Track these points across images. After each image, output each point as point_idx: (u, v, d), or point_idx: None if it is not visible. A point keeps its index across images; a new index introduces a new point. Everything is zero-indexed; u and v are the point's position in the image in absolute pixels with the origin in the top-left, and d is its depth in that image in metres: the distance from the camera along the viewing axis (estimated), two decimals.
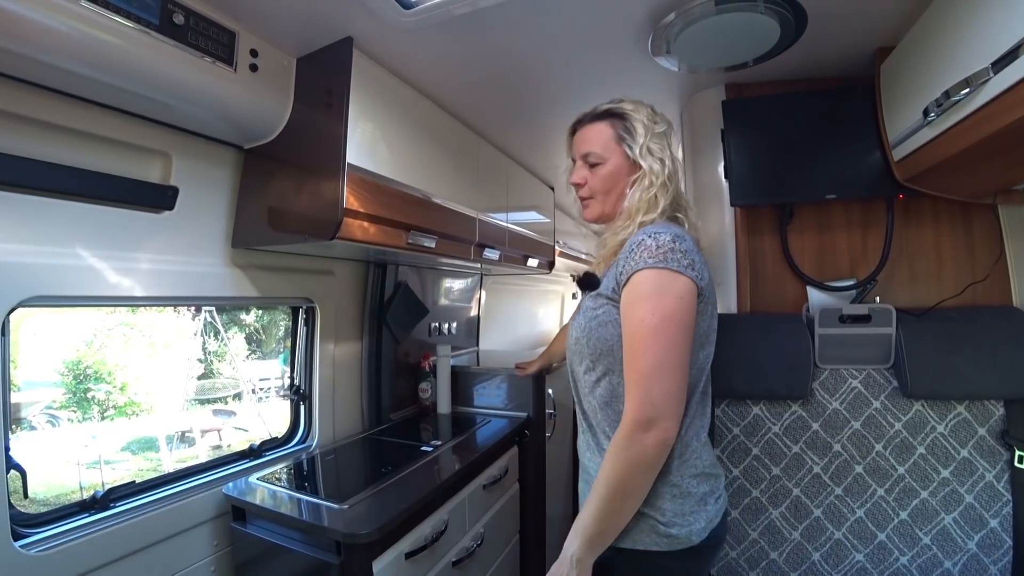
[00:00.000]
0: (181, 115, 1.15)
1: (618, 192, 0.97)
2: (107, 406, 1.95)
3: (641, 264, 0.81)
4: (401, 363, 1.97)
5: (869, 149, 1.22)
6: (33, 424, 1.76)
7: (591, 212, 1.01)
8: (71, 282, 1.05)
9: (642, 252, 0.82)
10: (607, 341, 0.87)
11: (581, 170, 1.00)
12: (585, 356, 0.91)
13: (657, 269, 0.80)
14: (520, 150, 2.01)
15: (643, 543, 0.84)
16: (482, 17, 1.09)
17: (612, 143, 0.96)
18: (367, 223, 1.21)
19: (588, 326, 0.90)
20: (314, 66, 1.23)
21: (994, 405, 1.14)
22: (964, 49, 0.88)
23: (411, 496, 1.21)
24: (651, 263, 0.80)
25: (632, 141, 0.95)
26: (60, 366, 1.62)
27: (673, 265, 0.80)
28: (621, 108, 0.97)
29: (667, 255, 0.81)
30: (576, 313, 1.01)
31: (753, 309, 1.34)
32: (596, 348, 0.89)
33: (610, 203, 0.98)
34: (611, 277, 0.89)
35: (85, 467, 1.68)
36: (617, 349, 0.86)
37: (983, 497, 1.12)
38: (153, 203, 1.18)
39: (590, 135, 0.99)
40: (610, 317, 0.88)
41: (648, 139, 0.94)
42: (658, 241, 0.82)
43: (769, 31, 1.14)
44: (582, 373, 0.93)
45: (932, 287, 1.27)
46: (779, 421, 1.22)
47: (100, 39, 0.89)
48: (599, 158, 0.97)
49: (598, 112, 1.00)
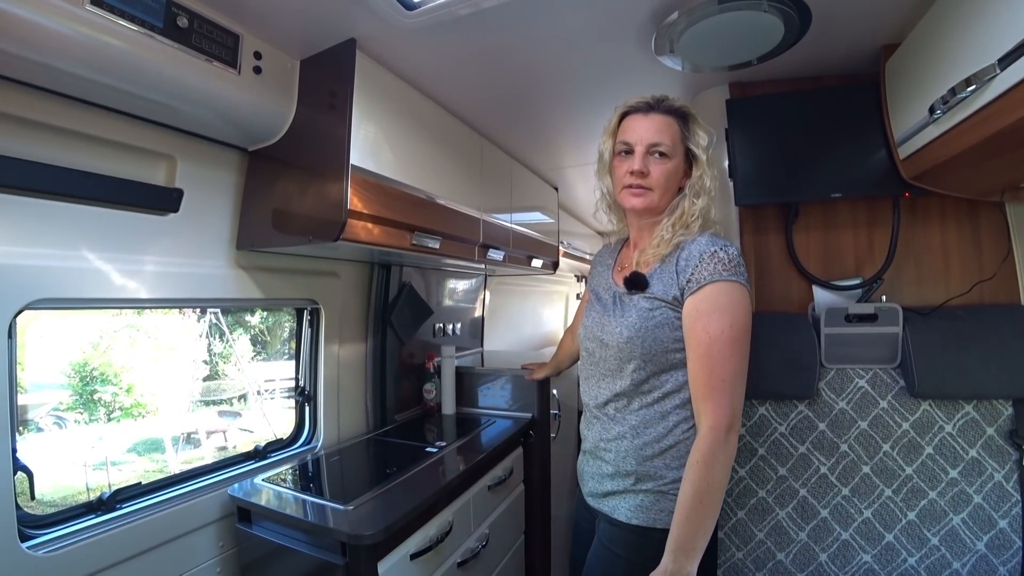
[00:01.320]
0: (185, 118, 1.15)
1: (674, 190, 0.99)
2: (113, 408, 1.96)
3: (716, 276, 0.85)
4: (405, 364, 1.97)
5: (874, 147, 1.21)
6: (40, 426, 1.78)
7: (644, 202, 0.98)
8: (77, 284, 1.06)
9: (716, 264, 0.86)
10: (662, 343, 0.92)
11: (646, 159, 0.97)
12: (636, 356, 0.94)
13: (732, 282, 0.86)
14: (524, 150, 2.01)
15: (666, 522, 0.88)
16: (485, 18, 1.09)
17: (679, 140, 0.98)
18: (371, 224, 1.21)
19: (644, 327, 0.93)
20: (317, 68, 1.23)
21: (1002, 405, 1.13)
22: (970, 46, 0.88)
23: (416, 497, 1.21)
24: (726, 276, 0.85)
25: (695, 143, 0.98)
26: (67, 368, 1.63)
27: (742, 279, 0.87)
28: (688, 109, 1.00)
29: (737, 268, 0.87)
30: (612, 310, 1.00)
31: (758, 309, 1.33)
32: (651, 348, 0.92)
33: (665, 199, 1.00)
34: (670, 282, 0.92)
35: (92, 468, 1.69)
36: (670, 351, 0.92)
37: (992, 497, 1.12)
38: (158, 205, 1.18)
39: (660, 126, 0.97)
40: (667, 320, 0.92)
41: (709, 147, 0.98)
42: (729, 254, 0.87)
43: (773, 29, 1.14)
44: (630, 370, 0.95)
45: (939, 286, 1.26)
46: (785, 421, 1.21)
47: (105, 43, 0.90)
48: (669, 151, 0.97)
49: (665, 106, 0.99)
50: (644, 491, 0.94)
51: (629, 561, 0.93)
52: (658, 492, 0.92)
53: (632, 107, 1.02)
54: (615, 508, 0.97)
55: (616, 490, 0.97)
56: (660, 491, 0.92)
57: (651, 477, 0.93)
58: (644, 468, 0.94)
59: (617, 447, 0.97)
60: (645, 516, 0.92)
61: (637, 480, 0.94)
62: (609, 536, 0.97)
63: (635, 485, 0.94)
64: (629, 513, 0.94)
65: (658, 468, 0.93)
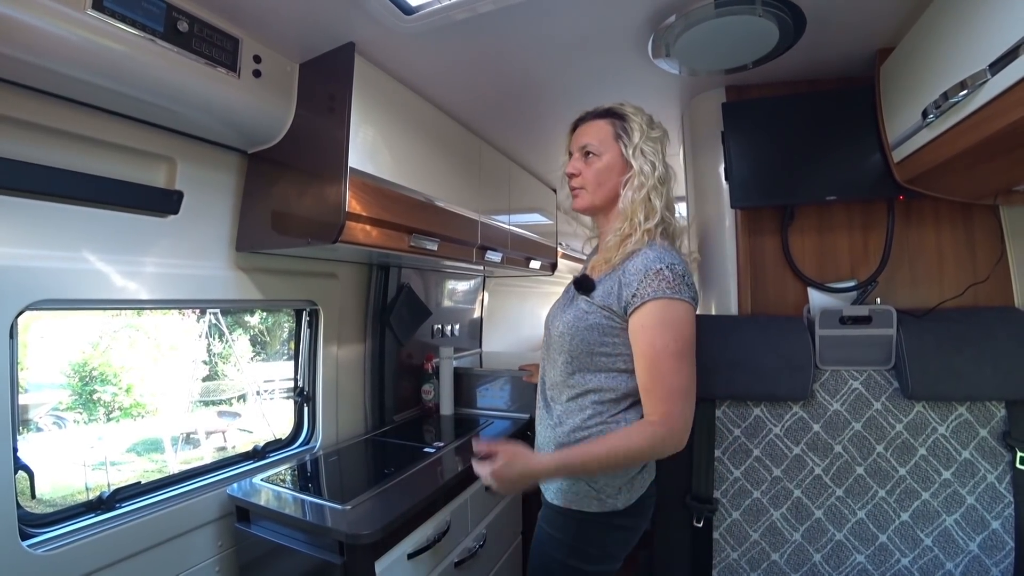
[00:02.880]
0: (186, 120, 1.16)
1: (609, 187, 1.03)
2: (113, 408, 1.97)
3: (660, 293, 0.89)
4: (404, 365, 1.98)
5: (869, 151, 1.22)
6: (40, 426, 1.79)
7: (581, 202, 1.07)
8: (78, 285, 1.07)
9: (660, 281, 0.89)
10: (589, 344, 0.97)
11: (577, 161, 1.06)
12: (565, 350, 1.00)
13: (674, 300, 0.89)
14: (522, 152, 2.02)
15: (582, 505, 0.98)
16: (482, 22, 1.10)
17: (610, 139, 1.03)
18: (369, 226, 1.22)
19: (576, 326, 0.98)
20: (317, 71, 1.24)
21: (995, 406, 1.14)
22: (962, 50, 0.89)
23: (413, 497, 1.23)
24: (669, 293, 0.89)
25: (628, 141, 1.02)
26: (66, 368, 1.64)
27: (686, 295, 0.90)
28: (622, 109, 1.05)
29: (680, 286, 0.90)
30: (565, 304, 1.06)
31: (754, 311, 1.34)
32: (577, 347, 0.98)
33: (600, 196, 1.05)
34: (613, 291, 0.95)
35: (91, 468, 1.70)
36: (596, 353, 0.97)
37: (985, 498, 1.12)
38: (158, 207, 1.20)
39: (590, 130, 1.05)
40: (598, 324, 0.96)
41: (642, 141, 1.01)
42: (674, 272, 0.90)
43: (768, 34, 1.15)
44: (559, 361, 1.01)
45: (933, 288, 1.27)
46: (780, 422, 1.22)
47: (106, 47, 0.91)
48: (596, 150, 1.03)
49: (600, 110, 1.07)
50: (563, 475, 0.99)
51: (555, 538, 1.01)
52: (572, 478, 0.98)
53: (576, 120, 1.11)
54: (546, 489, 1.05)
55: None
56: (574, 477, 0.98)
57: None
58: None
59: (545, 433, 1.05)
60: (564, 498, 1.00)
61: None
62: (543, 514, 1.06)
63: None
64: (552, 494, 1.02)
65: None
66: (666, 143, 1.06)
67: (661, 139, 1.05)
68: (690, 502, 1.21)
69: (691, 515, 1.21)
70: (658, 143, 1.03)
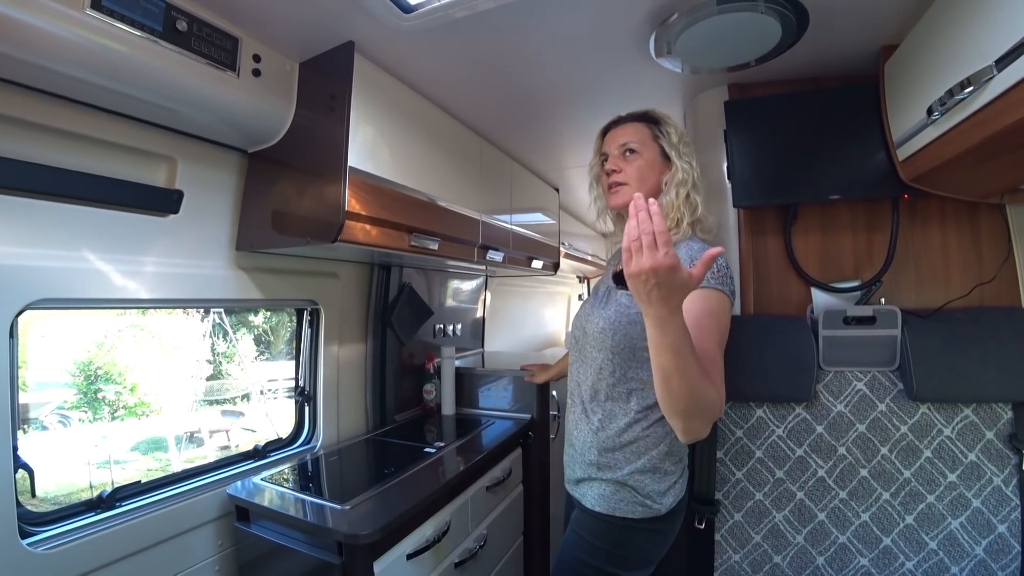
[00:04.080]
0: (186, 120, 1.16)
1: (650, 184, 1.05)
2: (117, 406, 1.98)
3: (707, 283, 0.89)
4: (406, 364, 1.98)
5: (874, 149, 1.20)
6: (45, 424, 1.80)
7: (623, 197, 1.05)
8: (78, 285, 1.07)
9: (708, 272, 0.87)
10: (632, 339, 0.96)
11: (617, 159, 1.07)
12: (606, 347, 0.98)
13: (719, 291, 0.89)
14: (524, 151, 2.01)
15: (626, 512, 0.97)
16: (482, 20, 1.09)
17: (649, 139, 1.06)
18: (369, 226, 1.22)
19: (618, 321, 0.97)
20: (316, 70, 1.24)
21: (1002, 408, 1.13)
22: (967, 46, 0.87)
23: (413, 497, 1.22)
24: (715, 284, 0.89)
25: (667, 141, 1.04)
26: (71, 367, 1.65)
27: (727, 288, 0.91)
28: (657, 113, 1.09)
29: (724, 278, 0.91)
30: (602, 301, 1.06)
31: (757, 311, 1.33)
32: (620, 343, 0.97)
33: (642, 192, 1.02)
34: None
35: (95, 467, 1.71)
36: (639, 348, 0.95)
37: (991, 502, 1.11)
38: (158, 207, 1.20)
39: (628, 131, 1.08)
40: (641, 319, 0.90)
41: (680, 143, 1.04)
42: (719, 265, 0.91)
43: (770, 31, 1.13)
44: (599, 359, 1.00)
45: (938, 288, 1.25)
46: (783, 424, 1.21)
47: (104, 46, 0.91)
48: (638, 147, 1.05)
49: (636, 114, 1.10)
50: (606, 480, 0.99)
51: (593, 545, 0.99)
52: (618, 483, 0.97)
53: (608, 124, 1.13)
54: (584, 495, 1.03)
55: (584, 477, 1.03)
56: (620, 482, 0.97)
57: (611, 467, 0.98)
58: (604, 459, 0.99)
59: (584, 437, 1.03)
60: (606, 504, 0.98)
61: (599, 469, 1.00)
62: (578, 521, 1.03)
63: (598, 473, 1.00)
64: (593, 501, 1.00)
65: (618, 460, 0.98)
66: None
67: (691, 144, 1.08)
68: (692, 503, 1.20)
69: (692, 516, 1.20)
70: (690, 146, 1.07)
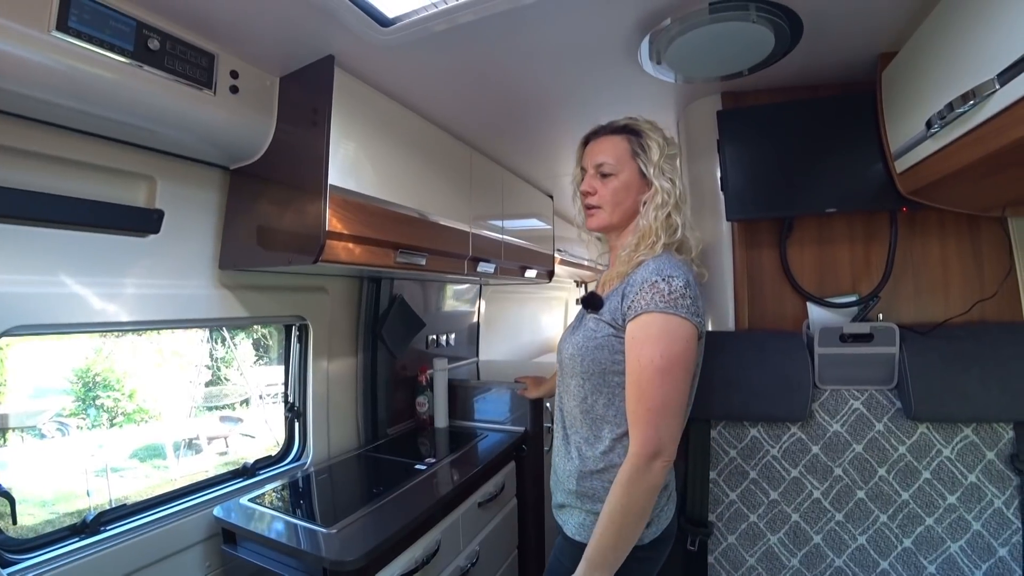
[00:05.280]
0: (164, 139, 1.14)
1: (627, 206, 1.00)
2: (116, 413, 1.97)
3: (652, 307, 0.85)
4: (398, 376, 1.96)
5: (871, 160, 1.16)
6: (43, 432, 1.79)
7: (597, 221, 1.02)
8: (54, 310, 1.05)
9: (654, 294, 0.86)
10: (600, 364, 0.93)
11: (593, 179, 1.02)
12: (577, 373, 0.96)
13: (667, 314, 0.84)
14: (516, 159, 1.98)
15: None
16: (463, 32, 1.06)
17: (627, 156, 1.00)
18: (352, 244, 1.19)
19: (586, 346, 0.94)
20: (297, 85, 1.21)
21: (1003, 428, 1.09)
22: (968, 57, 0.84)
23: (401, 519, 1.20)
24: (662, 307, 0.84)
25: (646, 158, 0.98)
26: (70, 374, 1.65)
27: (682, 312, 0.84)
28: (638, 125, 1.01)
29: (677, 301, 0.85)
30: (576, 326, 1.03)
31: (751, 326, 1.30)
32: (589, 368, 0.94)
33: (617, 215, 1.01)
34: (618, 305, 0.92)
35: (94, 475, 1.70)
36: (608, 372, 0.92)
37: (991, 524, 1.08)
38: (138, 227, 1.17)
39: (606, 146, 1.01)
40: (608, 343, 0.92)
41: (662, 159, 0.98)
42: (671, 286, 0.85)
43: (763, 40, 1.10)
44: (572, 385, 0.98)
45: (938, 302, 1.22)
46: (778, 444, 1.18)
47: (73, 68, 0.88)
48: (613, 169, 0.99)
49: (615, 126, 1.03)
50: (586, 510, 0.95)
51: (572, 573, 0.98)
52: (596, 513, 0.94)
53: (588, 134, 1.06)
54: (565, 522, 1.00)
55: (565, 503, 1.00)
56: (598, 512, 0.93)
57: (589, 497, 0.95)
58: (582, 487, 0.95)
59: (563, 465, 1.00)
60: (586, 534, 0.94)
61: (578, 497, 0.96)
62: (561, 548, 1.01)
63: (578, 502, 0.96)
64: (574, 529, 0.97)
65: (596, 489, 0.94)
66: (680, 161, 1.04)
67: (677, 156, 1.02)
68: (684, 524, 1.18)
69: (685, 537, 1.18)
70: (674, 160, 1.01)
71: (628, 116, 1.03)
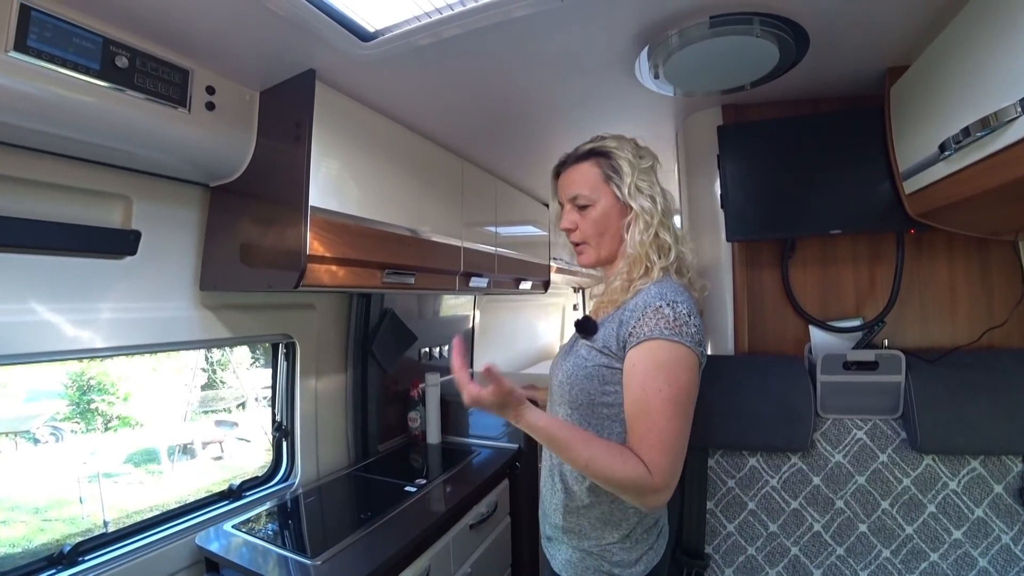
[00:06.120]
0: (138, 159, 1.09)
1: (611, 235, 0.95)
2: (111, 417, 1.94)
3: (656, 333, 0.80)
4: (390, 391, 1.92)
5: (877, 179, 1.11)
6: (37, 437, 1.76)
7: (587, 258, 0.98)
8: (23, 339, 1.01)
9: (658, 320, 0.81)
10: (589, 394, 0.88)
11: (571, 214, 0.97)
12: (566, 401, 0.91)
13: (673, 342, 0.80)
14: (509, 170, 1.91)
15: None
16: (449, 46, 1.00)
17: (600, 183, 0.94)
18: (335, 267, 1.15)
19: (576, 374, 0.90)
20: (278, 99, 1.16)
21: (1012, 461, 1.05)
22: (986, 80, 0.78)
23: (389, 548, 1.17)
24: (667, 334, 0.80)
25: (620, 180, 0.93)
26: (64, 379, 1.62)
27: (687, 341, 0.80)
28: (604, 146, 0.95)
29: (682, 328, 0.80)
30: (568, 349, 0.98)
31: (751, 349, 1.25)
32: (577, 398, 0.89)
33: (605, 247, 0.96)
34: (613, 332, 0.87)
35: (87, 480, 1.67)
36: (597, 404, 0.87)
37: (999, 561, 1.04)
38: (113, 249, 1.13)
39: (576, 177, 0.96)
40: (598, 372, 0.88)
41: (635, 177, 0.92)
42: (676, 311, 0.81)
43: (767, 54, 1.04)
44: (560, 413, 0.93)
45: (946, 327, 1.17)
46: (777, 474, 1.14)
47: (35, 89, 0.83)
48: (588, 200, 0.95)
49: (580, 152, 0.98)
50: (573, 546, 0.92)
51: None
52: (584, 551, 0.91)
53: (557, 166, 1.01)
54: (553, 556, 0.97)
55: (553, 536, 0.97)
56: (586, 551, 0.91)
57: (576, 534, 0.92)
58: (568, 523, 0.93)
59: (551, 498, 0.96)
60: (573, 571, 0.92)
61: (564, 532, 0.93)
62: None
63: (565, 537, 0.94)
64: (560, 566, 0.94)
65: (582, 526, 0.91)
66: (658, 167, 0.97)
67: (653, 167, 0.96)
68: (680, 556, 1.14)
69: (681, 570, 1.14)
70: (651, 172, 0.95)
71: (593, 137, 0.98)
